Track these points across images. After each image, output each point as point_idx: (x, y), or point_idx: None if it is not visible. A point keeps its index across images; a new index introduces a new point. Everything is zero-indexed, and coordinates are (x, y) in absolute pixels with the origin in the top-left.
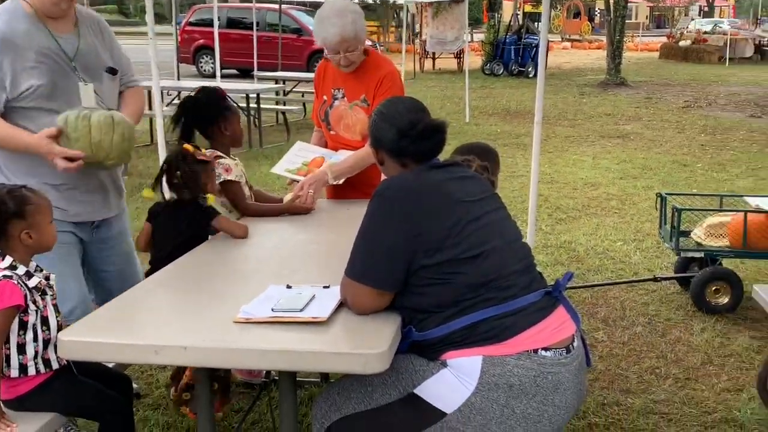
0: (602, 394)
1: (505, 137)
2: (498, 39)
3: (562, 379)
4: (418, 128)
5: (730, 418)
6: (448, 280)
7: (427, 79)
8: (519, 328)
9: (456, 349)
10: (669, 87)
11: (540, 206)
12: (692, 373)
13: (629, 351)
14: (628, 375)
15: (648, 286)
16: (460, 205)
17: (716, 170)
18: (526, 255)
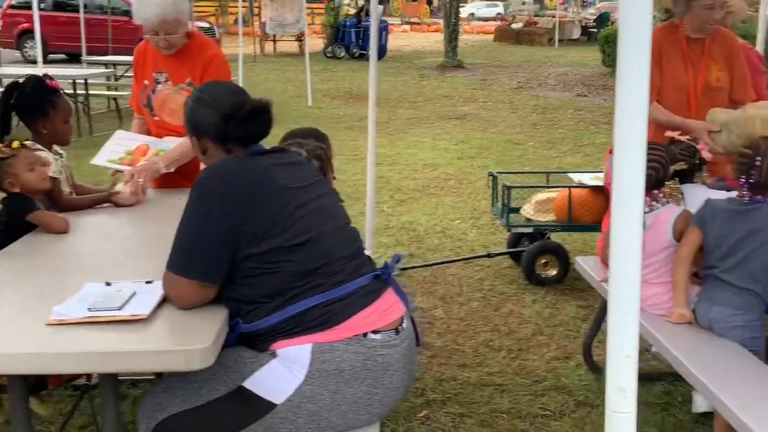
0: (440, 370)
1: (348, 120)
2: (338, 22)
3: (391, 361)
4: (244, 110)
5: (559, 386)
6: (276, 268)
7: (268, 62)
8: (348, 313)
9: (285, 339)
10: (503, 69)
11: (382, 188)
12: (524, 344)
13: (465, 326)
14: (465, 350)
15: (483, 262)
16: (286, 191)
17: (546, 148)
18: (355, 239)
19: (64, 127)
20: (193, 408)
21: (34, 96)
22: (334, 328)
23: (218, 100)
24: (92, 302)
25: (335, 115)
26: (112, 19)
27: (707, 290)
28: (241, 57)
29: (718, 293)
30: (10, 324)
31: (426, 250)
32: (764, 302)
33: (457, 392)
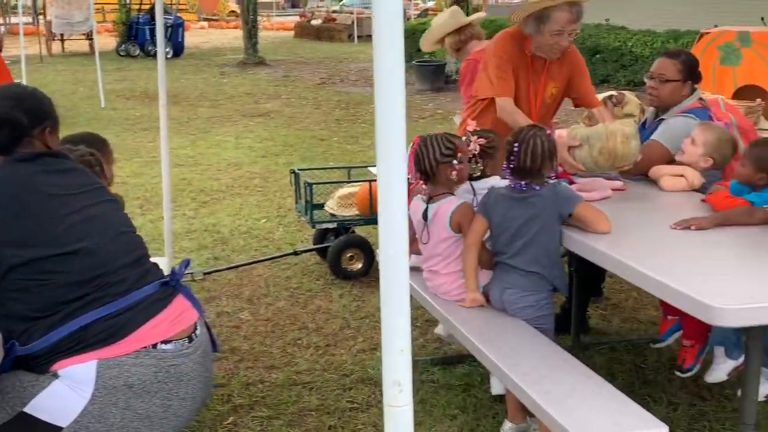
0: (247, 374)
1: (145, 121)
2: (131, 19)
3: (185, 370)
4: None
5: (366, 377)
6: (46, 280)
7: (56, 63)
8: (134, 324)
9: (67, 357)
10: (305, 65)
11: (183, 190)
12: (332, 339)
13: (273, 326)
14: (272, 351)
15: (290, 260)
16: (54, 198)
17: (350, 143)
18: (137, 247)
19: None
20: None
21: None
22: (120, 341)
23: None
24: None
25: (131, 117)
26: None
27: (498, 274)
28: (24, 58)
29: (507, 276)
30: None
31: (231, 251)
32: (549, 282)
33: (265, 395)
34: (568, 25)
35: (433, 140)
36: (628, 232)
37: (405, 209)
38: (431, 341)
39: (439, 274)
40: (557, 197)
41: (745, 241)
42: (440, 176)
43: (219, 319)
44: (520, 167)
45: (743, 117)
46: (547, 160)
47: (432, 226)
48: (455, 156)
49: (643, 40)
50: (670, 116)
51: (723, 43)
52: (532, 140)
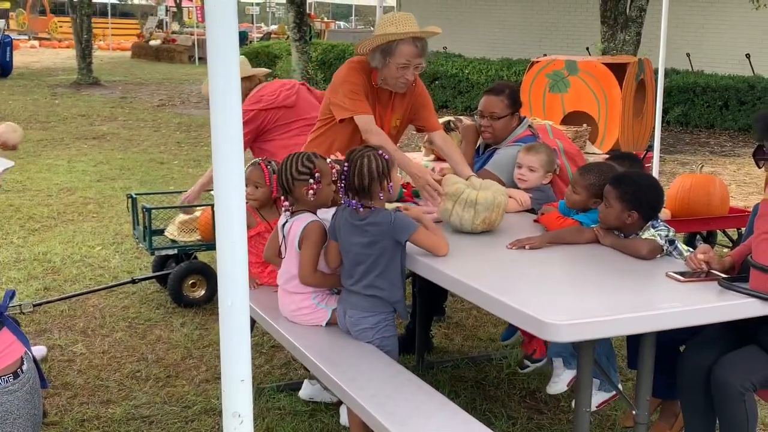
0: (81, 409)
1: None
2: None
3: (11, 408)
4: None
5: (209, 408)
6: None
7: None
8: None
9: None
10: (143, 86)
11: (11, 217)
12: (173, 370)
13: (110, 359)
14: (109, 384)
15: (128, 288)
16: None
17: (192, 166)
18: None
19: None
20: None
21: None
22: None
23: None
24: None
25: None
26: None
27: (342, 297)
28: None
29: (349, 298)
30: None
31: (63, 281)
32: (389, 304)
33: (103, 431)
34: (413, 59)
35: (293, 158)
36: (467, 253)
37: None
38: (277, 367)
39: (288, 293)
40: (393, 226)
41: (574, 259)
42: (297, 193)
43: (51, 353)
44: (350, 186)
45: (570, 142)
46: (376, 181)
47: (288, 242)
48: (312, 175)
49: (479, 67)
50: (503, 146)
51: (552, 71)
52: (360, 160)
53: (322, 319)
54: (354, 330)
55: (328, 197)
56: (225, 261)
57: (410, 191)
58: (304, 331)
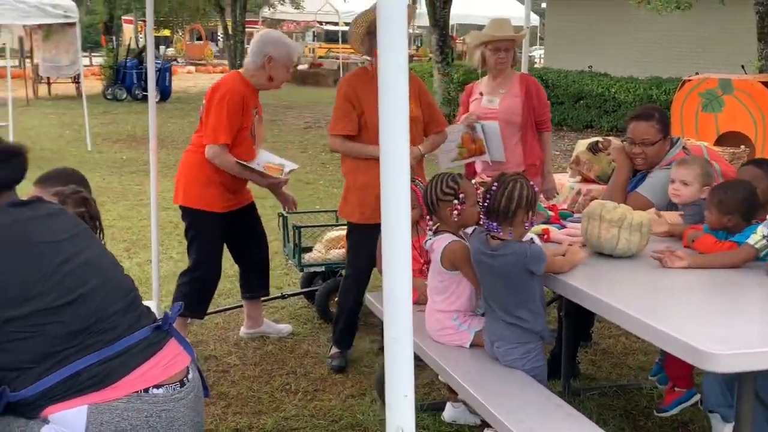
0: (235, 419)
1: (132, 164)
2: (119, 63)
3: (177, 415)
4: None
5: (355, 423)
6: (40, 332)
7: (42, 106)
8: (126, 369)
9: (58, 403)
10: (290, 109)
11: (171, 233)
12: (320, 384)
13: (261, 371)
14: (261, 396)
15: (277, 303)
16: (47, 246)
17: (337, 186)
18: (130, 290)
19: None
20: None
21: None
22: (111, 386)
23: None
24: None
25: (118, 160)
26: None
27: (486, 322)
28: (11, 100)
29: (494, 328)
30: None
31: (218, 295)
32: (534, 333)
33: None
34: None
35: (439, 178)
36: (616, 277)
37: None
38: (420, 386)
39: (432, 310)
40: (527, 260)
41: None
42: (441, 213)
43: (206, 363)
44: (493, 208)
45: (727, 164)
46: (523, 208)
47: (431, 260)
48: (456, 196)
49: (626, 86)
50: (655, 169)
51: (705, 90)
52: (512, 183)
53: (466, 341)
54: (503, 360)
55: (472, 218)
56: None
57: (557, 213)
58: (450, 351)
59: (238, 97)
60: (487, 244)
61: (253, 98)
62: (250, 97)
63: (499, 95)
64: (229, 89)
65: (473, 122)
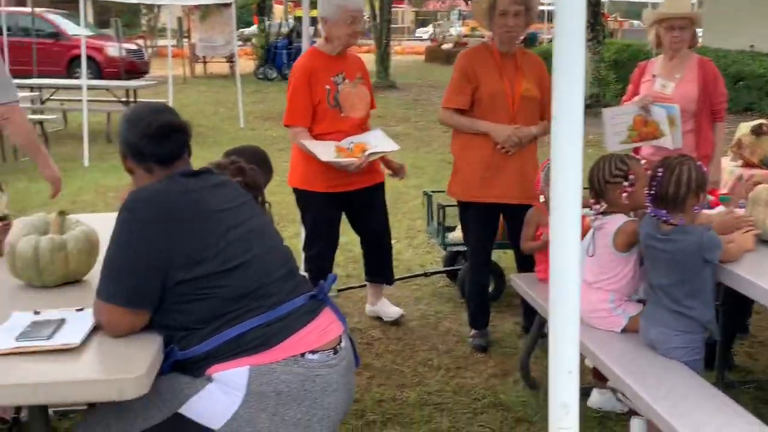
0: (379, 390)
1: (281, 141)
2: (270, 43)
3: (330, 381)
4: (155, 127)
5: (497, 402)
6: (209, 294)
7: (198, 84)
8: (285, 333)
9: (221, 363)
10: (435, 89)
11: None
12: (462, 362)
13: (404, 346)
14: (404, 369)
15: (420, 281)
16: (216, 214)
17: None
18: (289, 259)
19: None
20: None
21: None
22: (271, 349)
23: (139, 118)
24: (20, 332)
25: (268, 137)
26: (37, 42)
27: (648, 308)
28: (171, 78)
29: (656, 314)
30: None
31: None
32: (700, 324)
33: (397, 412)
34: (510, 6)
35: (606, 159)
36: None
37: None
38: None
39: (591, 288)
40: (701, 247)
41: None
42: (609, 195)
43: (352, 335)
44: (660, 194)
45: None
46: (693, 192)
47: (597, 240)
48: (626, 177)
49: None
50: None
51: None
52: (679, 167)
53: (618, 326)
54: (662, 348)
55: (642, 200)
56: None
57: (717, 197)
58: (601, 335)
59: (301, 73)
60: (659, 228)
61: (327, 68)
62: (322, 68)
63: (674, 80)
64: (295, 68)
65: (649, 104)
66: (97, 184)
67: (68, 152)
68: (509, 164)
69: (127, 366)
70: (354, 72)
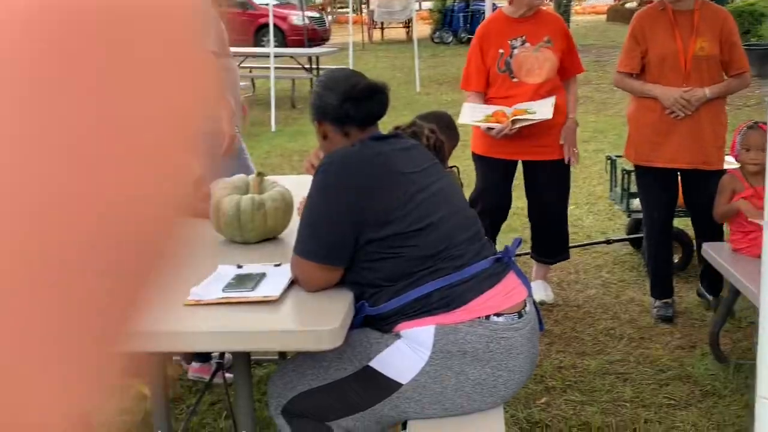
0: (558, 357)
1: (456, 106)
2: (446, 7)
3: (515, 344)
4: (358, 89)
5: (684, 375)
6: (397, 253)
7: (376, 50)
8: (471, 295)
9: (409, 320)
10: (616, 50)
11: None
12: (646, 333)
13: (584, 313)
14: (584, 337)
15: (601, 248)
16: (405, 176)
17: None
18: (474, 222)
19: None
20: (322, 386)
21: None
22: (457, 309)
23: (337, 82)
24: (225, 284)
25: (443, 101)
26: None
27: None
28: (351, 45)
29: None
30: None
31: None
32: None
33: (577, 380)
34: None
35: None
36: None
37: None
38: None
39: None
40: None
41: None
42: None
43: None
44: None
45: None
46: None
47: None
48: None
49: None
50: None
51: None
52: None
53: None
54: None
55: None
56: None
57: None
58: None
59: (475, 36)
60: None
61: (504, 31)
62: (498, 31)
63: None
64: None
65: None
66: (283, 148)
67: (256, 117)
68: (681, 128)
69: (323, 318)
70: (541, 35)
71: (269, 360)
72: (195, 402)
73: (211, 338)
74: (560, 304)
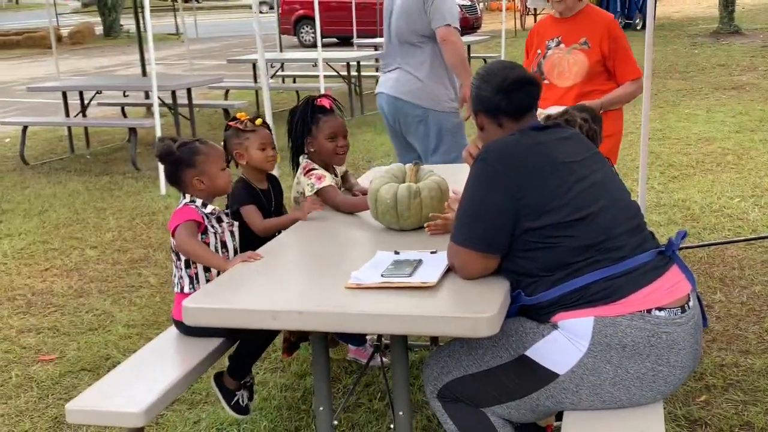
0: (720, 355)
1: None
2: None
3: (677, 339)
4: (509, 81)
5: None
6: (555, 243)
7: None
8: (631, 288)
9: (566, 311)
10: None
11: (651, 164)
12: None
13: (748, 311)
14: (747, 335)
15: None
16: (564, 166)
17: None
18: (636, 214)
19: (329, 145)
20: (477, 372)
21: (300, 117)
22: (616, 302)
23: (491, 74)
24: (384, 269)
25: None
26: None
27: None
28: (504, 32)
29: None
30: (313, 286)
31: (701, 229)
32: None
33: (740, 379)
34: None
35: None
36: None
37: None
38: None
39: None
40: None
41: None
42: None
43: None
44: None
45: None
46: None
47: None
48: None
49: None
50: None
51: None
52: None
53: None
54: None
55: None
56: None
57: None
58: None
59: (528, 39)
60: None
61: (546, 32)
62: (541, 31)
63: None
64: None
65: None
66: None
67: None
68: None
69: (479, 306)
70: (578, 36)
71: (421, 345)
72: (353, 383)
73: (372, 320)
74: (723, 300)
